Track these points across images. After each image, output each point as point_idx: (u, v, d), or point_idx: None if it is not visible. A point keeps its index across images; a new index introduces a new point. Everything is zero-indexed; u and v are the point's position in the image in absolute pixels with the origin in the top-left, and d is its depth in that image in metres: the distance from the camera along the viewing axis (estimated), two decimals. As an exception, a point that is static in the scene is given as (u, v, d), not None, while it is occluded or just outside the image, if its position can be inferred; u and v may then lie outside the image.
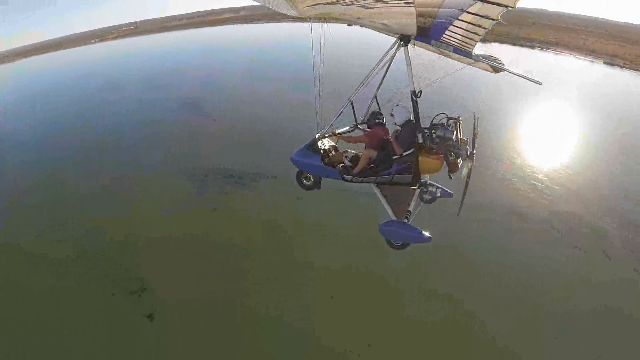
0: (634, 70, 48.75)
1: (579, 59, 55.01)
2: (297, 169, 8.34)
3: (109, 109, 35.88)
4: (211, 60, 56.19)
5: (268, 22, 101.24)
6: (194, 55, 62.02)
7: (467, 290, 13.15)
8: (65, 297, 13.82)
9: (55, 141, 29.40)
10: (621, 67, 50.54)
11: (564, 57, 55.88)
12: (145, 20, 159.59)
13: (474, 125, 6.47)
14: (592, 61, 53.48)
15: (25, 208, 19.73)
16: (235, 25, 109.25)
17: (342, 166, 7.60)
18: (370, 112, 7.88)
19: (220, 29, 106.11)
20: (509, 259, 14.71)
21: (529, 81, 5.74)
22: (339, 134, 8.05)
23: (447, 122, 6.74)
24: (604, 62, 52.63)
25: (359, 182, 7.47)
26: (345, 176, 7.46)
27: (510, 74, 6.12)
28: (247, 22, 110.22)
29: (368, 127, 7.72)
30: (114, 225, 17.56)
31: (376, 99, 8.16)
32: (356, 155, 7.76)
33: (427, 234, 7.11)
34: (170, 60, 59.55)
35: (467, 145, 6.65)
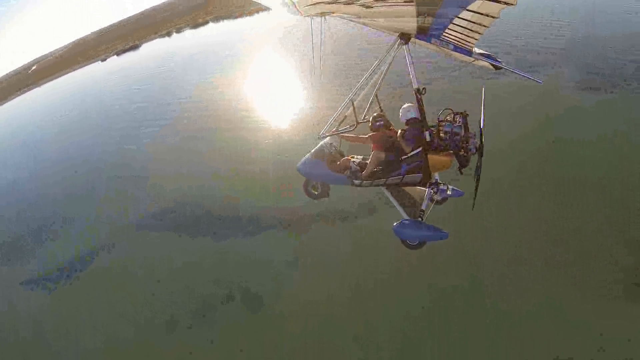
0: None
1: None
2: (305, 179, 8.24)
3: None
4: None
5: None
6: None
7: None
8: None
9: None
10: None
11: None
12: None
13: (482, 98, 6.40)
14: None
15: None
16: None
17: (350, 171, 7.53)
18: (371, 113, 7.77)
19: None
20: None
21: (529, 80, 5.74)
22: (340, 133, 7.91)
23: (454, 117, 6.67)
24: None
25: (368, 186, 7.41)
26: (355, 181, 7.38)
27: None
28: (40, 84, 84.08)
29: (370, 129, 7.54)
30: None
31: (377, 98, 8.08)
32: (363, 159, 7.70)
33: (444, 230, 6.99)
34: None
35: (475, 139, 6.58)
